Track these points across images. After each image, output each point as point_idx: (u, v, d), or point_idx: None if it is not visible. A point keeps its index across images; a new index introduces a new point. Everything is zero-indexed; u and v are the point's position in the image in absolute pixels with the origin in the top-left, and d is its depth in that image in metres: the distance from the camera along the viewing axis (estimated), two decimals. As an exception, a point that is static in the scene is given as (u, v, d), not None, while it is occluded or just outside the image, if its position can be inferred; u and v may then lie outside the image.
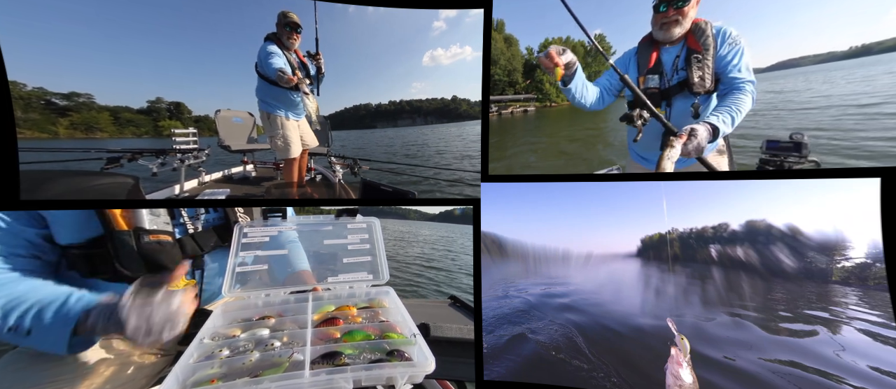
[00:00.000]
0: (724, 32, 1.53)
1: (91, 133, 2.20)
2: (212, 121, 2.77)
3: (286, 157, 2.33)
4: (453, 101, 2.07)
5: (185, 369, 0.57)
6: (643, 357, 1.61)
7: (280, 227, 0.87)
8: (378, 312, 0.79)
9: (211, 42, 2.28)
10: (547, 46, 2.18)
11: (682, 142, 1.44)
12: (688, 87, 1.56)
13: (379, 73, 2.80)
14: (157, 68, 2.19)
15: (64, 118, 2.07)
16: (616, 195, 1.80)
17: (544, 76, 2.70)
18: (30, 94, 1.91)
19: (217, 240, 0.85)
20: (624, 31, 2.10)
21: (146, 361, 0.82)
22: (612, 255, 1.80)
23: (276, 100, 2.21)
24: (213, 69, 2.36)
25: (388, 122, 3.35)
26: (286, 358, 0.61)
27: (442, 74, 2.56)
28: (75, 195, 1.62)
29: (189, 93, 2.40)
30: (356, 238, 0.93)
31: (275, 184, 2.75)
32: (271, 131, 2.26)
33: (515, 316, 1.89)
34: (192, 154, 2.52)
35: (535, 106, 2.70)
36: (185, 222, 0.80)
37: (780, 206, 1.55)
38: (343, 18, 2.10)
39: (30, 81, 1.88)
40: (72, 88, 2.03)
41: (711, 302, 1.63)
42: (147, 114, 2.40)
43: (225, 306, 0.77)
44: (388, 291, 0.86)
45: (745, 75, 1.52)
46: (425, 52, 2.59)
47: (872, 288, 1.43)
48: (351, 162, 2.82)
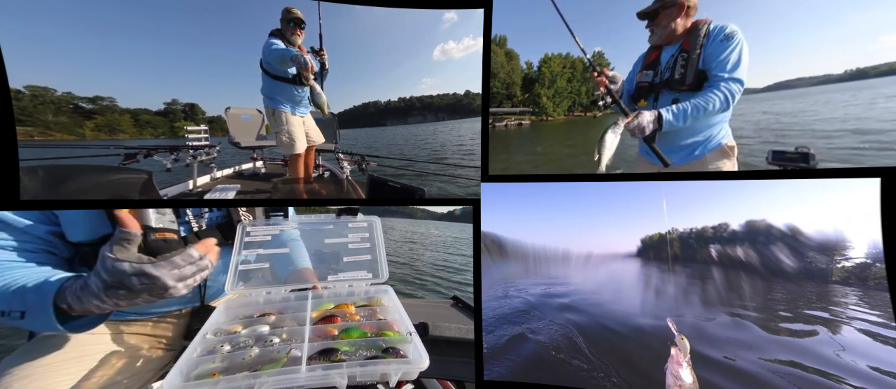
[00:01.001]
0: (719, 29, 1.56)
1: (114, 134, 2.33)
2: (224, 121, 2.83)
3: (292, 153, 2.34)
4: (466, 96, 2.04)
5: (189, 362, 0.60)
6: (643, 357, 1.61)
7: (282, 226, 0.88)
8: (376, 310, 0.79)
9: (223, 44, 2.33)
10: (547, 61, 2.42)
11: (627, 121, 1.63)
12: (672, 84, 1.66)
13: (388, 70, 2.78)
14: (172, 71, 2.29)
15: (90, 120, 2.21)
16: (616, 195, 1.80)
17: (542, 90, 2.75)
18: (59, 99, 2.04)
19: (220, 239, 0.85)
20: (620, 44, 2.18)
21: (154, 355, 0.85)
22: (612, 255, 1.80)
23: (281, 95, 2.23)
24: (225, 70, 2.43)
25: (397, 119, 3.30)
26: (284, 354, 0.63)
27: (454, 68, 2.48)
28: (96, 187, 1.77)
29: (202, 94, 2.49)
30: (357, 236, 0.92)
31: (282, 179, 2.77)
32: (276, 127, 2.28)
33: (515, 316, 1.89)
34: (203, 150, 2.62)
35: (531, 119, 2.73)
36: (190, 220, 0.82)
37: (780, 206, 1.55)
38: (350, 14, 2.10)
39: (60, 86, 2.02)
40: (96, 92, 2.16)
41: (711, 302, 1.63)
42: (164, 116, 2.50)
43: (228, 303, 0.80)
44: (387, 290, 0.86)
45: (728, 74, 1.53)
46: (436, 46, 2.54)
47: (872, 288, 1.43)
48: (359, 158, 2.83)
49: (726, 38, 1.53)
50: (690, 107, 1.57)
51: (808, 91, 2.11)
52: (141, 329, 0.86)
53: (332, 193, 2.56)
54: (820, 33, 1.91)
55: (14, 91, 1.68)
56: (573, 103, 2.85)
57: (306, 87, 2.26)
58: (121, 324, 0.84)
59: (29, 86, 1.87)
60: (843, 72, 1.94)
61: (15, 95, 1.69)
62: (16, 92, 1.71)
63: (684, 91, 1.62)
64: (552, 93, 2.76)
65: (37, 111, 1.94)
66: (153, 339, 0.87)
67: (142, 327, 0.87)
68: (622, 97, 1.85)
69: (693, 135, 1.67)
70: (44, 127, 1.99)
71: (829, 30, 1.88)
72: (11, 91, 1.61)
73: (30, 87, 1.88)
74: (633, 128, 1.63)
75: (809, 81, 2.06)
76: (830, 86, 2.04)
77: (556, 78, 2.74)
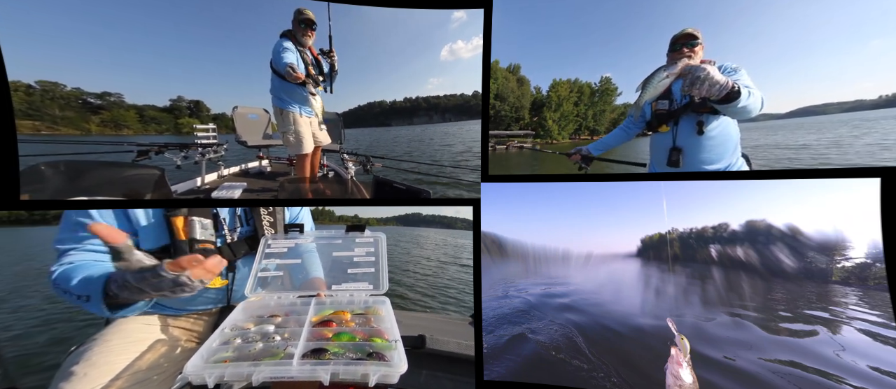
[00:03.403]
0: (724, 66, 1.61)
1: (119, 129, 2.35)
2: (228, 119, 2.85)
3: (298, 153, 2.35)
4: (474, 97, 2.03)
5: (209, 350, 0.76)
6: (643, 357, 1.61)
7: (298, 240, 1.03)
8: (370, 318, 0.89)
9: (230, 41, 2.34)
10: (555, 86, 2.52)
11: (687, 63, 1.49)
12: (695, 107, 1.66)
13: (394, 69, 2.75)
14: (178, 67, 2.30)
15: (96, 115, 2.23)
16: (616, 195, 1.80)
17: (548, 113, 2.79)
18: (68, 94, 2.08)
19: (248, 249, 1.05)
20: (630, 71, 2.26)
21: (189, 345, 1.05)
22: (612, 255, 1.80)
23: (289, 96, 2.25)
24: (232, 69, 2.44)
25: (403, 120, 3.26)
26: (282, 350, 0.76)
27: (462, 69, 2.36)
28: (112, 182, 1.88)
29: (208, 91, 2.50)
30: (362, 250, 1.04)
31: (288, 179, 2.79)
32: (284, 127, 2.30)
33: (515, 316, 1.89)
34: (211, 148, 2.66)
35: (535, 142, 2.75)
36: (226, 234, 1.02)
37: (780, 206, 1.55)
38: (358, 13, 2.09)
39: (69, 82, 2.05)
40: (104, 88, 2.19)
41: (711, 302, 1.63)
42: (169, 112, 2.51)
43: (247, 304, 0.95)
44: (384, 301, 0.96)
45: (747, 82, 1.55)
46: (444, 46, 2.49)
47: (872, 288, 1.43)
48: (364, 159, 2.82)
49: (733, 71, 1.58)
50: (753, 90, 1.51)
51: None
52: (182, 324, 1.07)
53: (336, 194, 2.56)
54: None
55: (25, 86, 1.71)
56: (579, 126, 2.89)
57: (310, 93, 2.28)
58: (168, 318, 1.05)
59: (40, 81, 1.90)
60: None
61: (26, 90, 1.73)
62: (27, 86, 1.76)
63: (707, 113, 1.63)
64: (558, 116, 2.80)
65: (45, 105, 1.97)
66: (190, 332, 1.07)
67: (184, 321, 1.07)
68: (638, 123, 1.88)
69: (711, 163, 1.69)
70: (51, 121, 2.01)
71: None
72: (22, 86, 1.63)
73: (41, 82, 1.91)
74: (699, 75, 1.43)
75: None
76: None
77: (563, 101, 2.78)
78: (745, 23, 1.94)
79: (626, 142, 1.94)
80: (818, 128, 2.16)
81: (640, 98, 1.64)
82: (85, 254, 0.90)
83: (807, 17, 1.89)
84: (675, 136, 1.72)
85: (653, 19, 2.04)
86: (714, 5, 1.92)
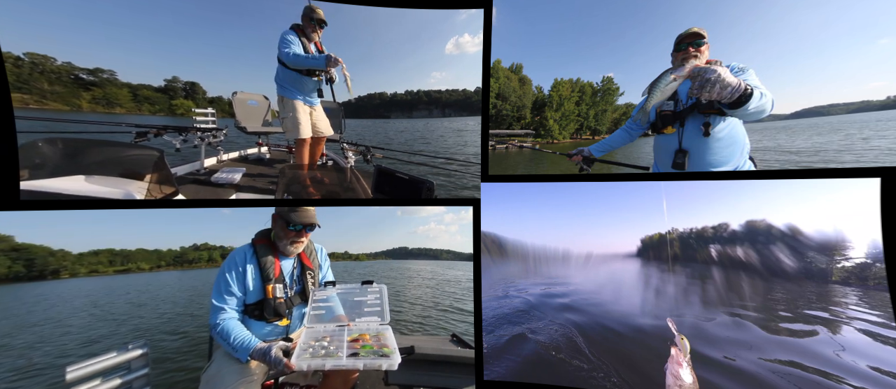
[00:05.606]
0: (732, 66, 1.57)
1: (111, 108, 2.30)
2: (225, 103, 2.82)
3: (296, 138, 2.36)
4: (476, 94, 2.00)
5: (298, 353, 1.27)
6: (643, 357, 1.61)
7: (328, 292, 1.58)
8: (380, 338, 1.41)
9: (231, 25, 2.31)
10: (556, 85, 2.59)
11: (695, 65, 1.46)
12: (701, 108, 1.61)
13: (397, 60, 2.70)
14: (176, 47, 2.24)
15: (87, 92, 2.17)
16: (616, 195, 1.80)
17: (549, 112, 2.79)
18: (59, 69, 2.02)
19: (300, 300, 1.56)
20: (632, 71, 2.29)
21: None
22: (612, 255, 1.80)
23: (293, 85, 2.29)
24: (231, 53, 2.40)
25: (402, 113, 3.21)
26: (335, 353, 1.29)
27: (467, 64, 2.29)
28: (112, 162, 1.92)
29: (204, 73, 2.45)
30: (372, 297, 1.58)
31: (288, 165, 2.79)
32: (283, 113, 2.34)
33: (515, 316, 1.89)
34: (210, 133, 2.66)
35: (536, 142, 2.74)
36: (288, 290, 1.52)
37: (780, 206, 1.55)
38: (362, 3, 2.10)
39: (59, 56, 1.99)
40: (97, 64, 2.13)
41: (711, 302, 1.63)
42: (163, 93, 2.46)
43: (307, 330, 1.45)
44: (387, 328, 1.48)
45: (756, 82, 1.51)
46: (449, 39, 2.43)
47: (872, 288, 1.43)
48: (364, 149, 2.79)
49: (740, 71, 1.54)
50: (763, 90, 1.47)
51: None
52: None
53: (335, 183, 2.55)
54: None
55: (14, 57, 1.64)
56: (580, 126, 2.88)
57: (316, 79, 2.31)
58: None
59: (29, 52, 1.84)
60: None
61: (14, 62, 1.67)
62: (15, 58, 1.70)
63: (714, 114, 1.59)
64: (559, 115, 2.80)
65: (33, 78, 1.90)
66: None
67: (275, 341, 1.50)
68: (644, 124, 1.84)
69: (717, 166, 1.65)
70: (39, 95, 1.95)
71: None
72: (11, 57, 1.59)
73: (30, 54, 1.85)
74: (709, 77, 1.39)
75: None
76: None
77: (564, 101, 2.78)
78: (751, 21, 1.91)
79: (628, 143, 1.91)
80: (830, 129, 2.12)
81: (647, 102, 1.59)
82: (233, 314, 1.41)
83: (812, 17, 1.88)
84: (680, 138, 1.67)
85: (656, 18, 2.03)
86: (717, 4, 1.91)
